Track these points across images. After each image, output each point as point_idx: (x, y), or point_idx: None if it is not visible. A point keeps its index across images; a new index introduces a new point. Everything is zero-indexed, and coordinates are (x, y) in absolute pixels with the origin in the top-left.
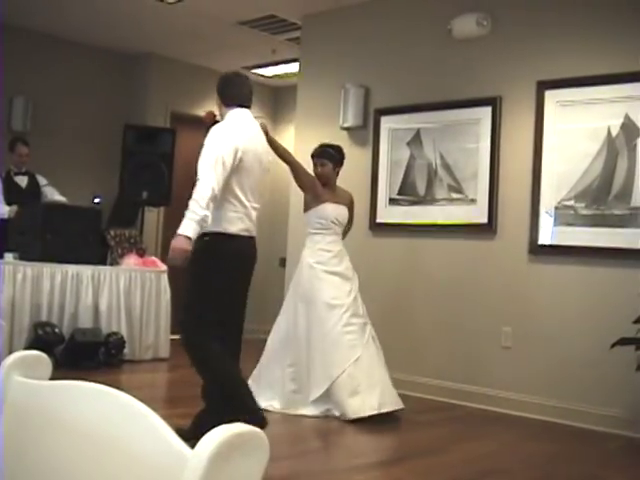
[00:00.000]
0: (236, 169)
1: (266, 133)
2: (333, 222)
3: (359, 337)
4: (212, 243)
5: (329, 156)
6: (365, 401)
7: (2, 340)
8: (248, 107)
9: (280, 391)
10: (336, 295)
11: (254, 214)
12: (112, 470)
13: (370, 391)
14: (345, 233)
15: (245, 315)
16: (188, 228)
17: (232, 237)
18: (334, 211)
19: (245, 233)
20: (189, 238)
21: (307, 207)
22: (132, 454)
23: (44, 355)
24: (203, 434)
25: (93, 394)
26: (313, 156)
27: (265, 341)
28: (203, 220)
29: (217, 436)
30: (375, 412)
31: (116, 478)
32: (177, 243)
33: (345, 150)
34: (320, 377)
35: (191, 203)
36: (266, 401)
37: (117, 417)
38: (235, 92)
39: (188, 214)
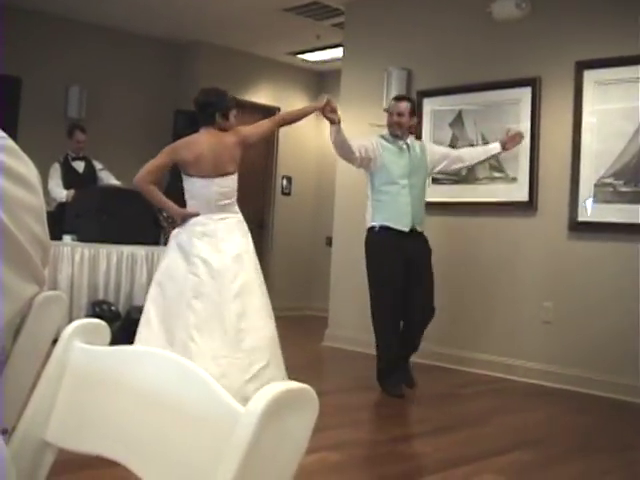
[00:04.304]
0: None
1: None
2: None
3: None
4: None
5: None
6: None
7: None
8: None
9: None
10: None
11: None
12: (167, 428)
13: None
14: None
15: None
16: None
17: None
18: None
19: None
20: None
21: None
22: (187, 412)
23: (103, 323)
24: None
25: (150, 357)
26: None
27: (313, 317)
28: None
29: (268, 393)
30: None
31: (171, 435)
32: None
33: None
34: None
35: None
36: None
37: (173, 378)
38: None
39: None
